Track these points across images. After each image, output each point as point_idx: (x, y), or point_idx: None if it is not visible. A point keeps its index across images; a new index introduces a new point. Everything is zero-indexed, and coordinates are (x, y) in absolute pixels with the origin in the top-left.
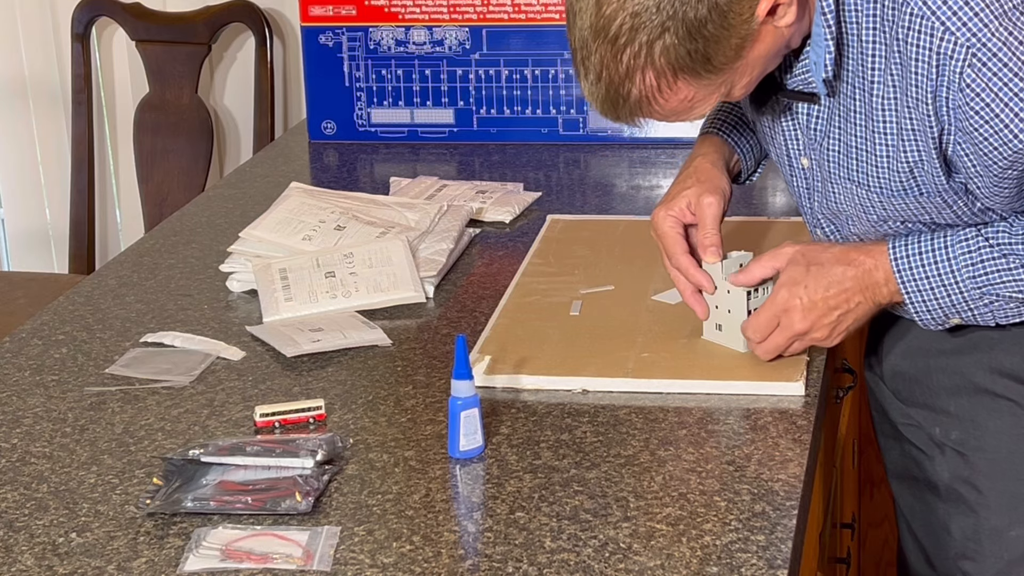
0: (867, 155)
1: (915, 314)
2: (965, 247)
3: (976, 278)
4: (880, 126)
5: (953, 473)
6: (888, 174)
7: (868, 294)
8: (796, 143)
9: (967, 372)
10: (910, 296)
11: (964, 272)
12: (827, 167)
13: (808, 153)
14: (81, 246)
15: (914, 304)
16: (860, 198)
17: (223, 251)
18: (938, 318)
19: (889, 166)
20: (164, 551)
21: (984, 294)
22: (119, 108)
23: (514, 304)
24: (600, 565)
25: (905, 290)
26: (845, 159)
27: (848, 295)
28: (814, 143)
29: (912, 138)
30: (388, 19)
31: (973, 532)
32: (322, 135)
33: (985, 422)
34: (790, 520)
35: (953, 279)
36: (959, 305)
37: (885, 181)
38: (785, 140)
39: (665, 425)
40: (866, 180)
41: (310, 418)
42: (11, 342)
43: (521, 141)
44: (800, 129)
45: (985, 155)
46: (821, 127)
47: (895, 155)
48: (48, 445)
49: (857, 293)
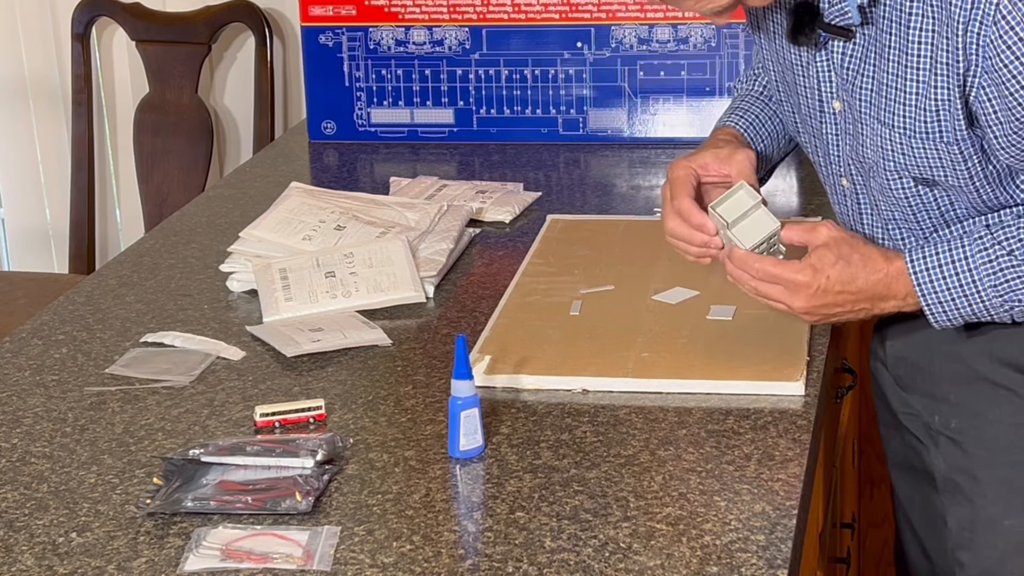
0: (897, 92)
1: (932, 321)
2: (984, 256)
3: (998, 286)
4: (914, 60)
5: (950, 463)
6: (915, 113)
7: (876, 303)
8: (829, 84)
9: (969, 359)
10: (931, 308)
11: (985, 281)
12: (858, 107)
13: (840, 95)
14: (81, 246)
15: (935, 315)
16: (884, 139)
17: (223, 251)
18: (955, 321)
19: (917, 104)
20: (164, 551)
21: (1006, 300)
22: (119, 108)
23: (514, 304)
24: (600, 565)
25: (926, 303)
26: (876, 97)
27: (857, 300)
28: (846, 83)
29: (945, 73)
30: (388, 19)
31: (969, 522)
32: (322, 135)
33: (985, 411)
34: (790, 520)
35: (974, 288)
36: (979, 312)
37: (911, 121)
38: (818, 82)
39: (665, 425)
40: (891, 119)
41: (310, 418)
42: (11, 342)
43: (521, 141)
44: (834, 69)
45: (1010, 95)
46: (854, 66)
47: (925, 92)
48: (48, 445)
49: (866, 301)
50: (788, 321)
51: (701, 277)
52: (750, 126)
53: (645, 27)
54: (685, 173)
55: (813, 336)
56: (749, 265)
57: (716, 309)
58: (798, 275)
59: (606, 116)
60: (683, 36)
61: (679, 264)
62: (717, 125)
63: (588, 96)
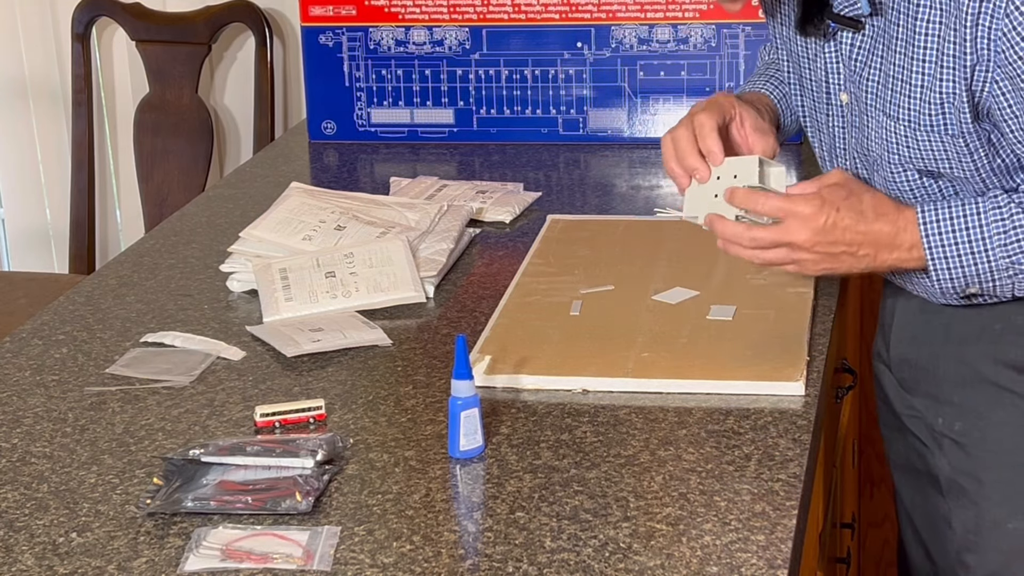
0: (903, 85)
1: (935, 282)
2: (997, 214)
3: (1007, 246)
4: (920, 52)
5: (954, 466)
6: (920, 106)
7: (880, 252)
8: (837, 76)
9: (973, 362)
10: (935, 263)
11: (995, 240)
12: (864, 99)
13: (847, 87)
14: (81, 246)
15: (937, 271)
16: (888, 132)
17: (223, 251)
18: (958, 287)
19: (922, 97)
20: (164, 551)
21: (1013, 263)
22: (119, 108)
23: (514, 304)
24: (600, 565)
25: (931, 256)
26: (883, 89)
27: (861, 243)
28: (854, 75)
29: (951, 66)
30: (388, 19)
31: (974, 524)
32: (322, 135)
33: (988, 413)
34: (790, 520)
35: (983, 246)
36: (983, 274)
37: (915, 114)
38: (826, 73)
39: (665, 425)
40: (896, 112)
41: (310, 418)
42: (11, 342)
43: (521, 141)
44: (842, 61)
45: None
46: (862, 57)
47: (930, 85)
48: (48, 445)
49: (871, 246)
50: (788, 321)
51: (701, 277)
52: (783, 97)
53: (645, 27)
54: (727, 103)
55: (813, 336)
56: (755, 200)
57: (716, 309)
58: (806, 207)
59: (606, 116)
60: (683, 36)
61: (679, 264)
62: (750, 89)
63: (588, 96)
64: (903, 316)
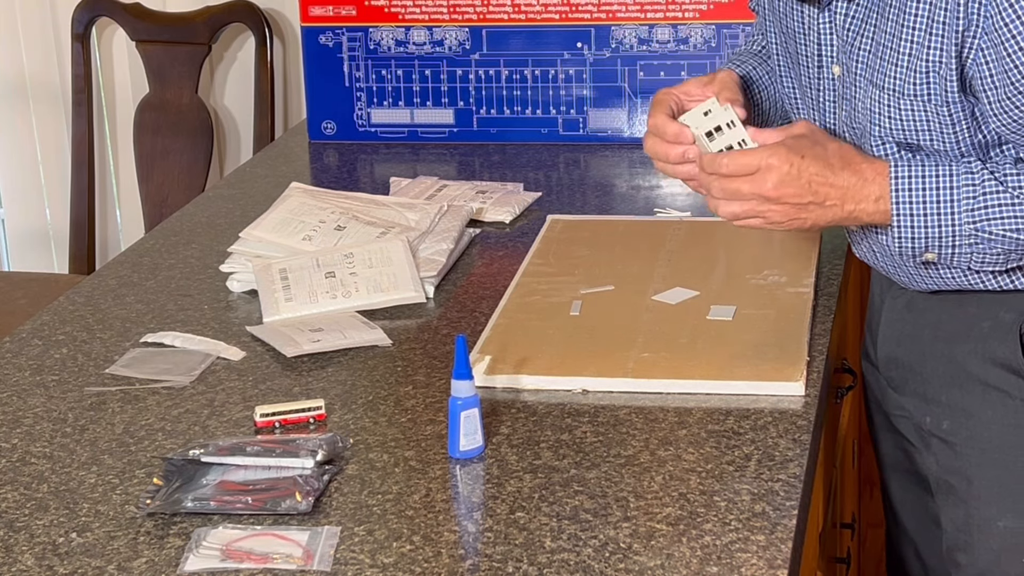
0: (891, 53)
1: (896, 238)
2: (969, 179)
3: (974, 211)
4: (911, 19)
5: (943, 465)
6: (905, 73)
7: (846, 202)
8: (830, 48)
9: (961, 360)
10: (899, 219)
11: (963, 204)
12: (855, 70)
13: (840, 59)
14: (81, 246)
15: (900, 227)
16: (873, 102)
17: (223, 251)
18: (918, 247)
19: (909, 64)
20: (164, 551)
21: (977, 230)
22: (119, 108)
23: (514, 304)
24: (600, 565)
25: (897, 211)
26: (873, 58)
27: (827, 192)
28: (846, 44)
29: (940, 33)
30: (388, 19)
31: (964, 523)
32: (322, 135)
33: (977, 412)
34: (790, 520)
35: (950, 208)
36: (945, 238)
37: (900, 82)
38: (819, 46)
39: (665, 425)
40: (883, 80)
41: (310, 418)
42: (11, 342)
43: (521, 141)
44: (836, 31)
45: (1008, 56)
46: (855, 27)
47: (917, 52)
48: (48, 445)
49: (838, 196)
50: (788, 321)
51: (701, 277)
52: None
53: (645, 27)
54: (665, 97)
55: (813, 336)
56: (719, 163)
57: (716, 309)
58: (767, 155)
59: (606, 116)
60: (683, 36)
61: (679, 264)
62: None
63: (588, 96)
64: (890, 315)
